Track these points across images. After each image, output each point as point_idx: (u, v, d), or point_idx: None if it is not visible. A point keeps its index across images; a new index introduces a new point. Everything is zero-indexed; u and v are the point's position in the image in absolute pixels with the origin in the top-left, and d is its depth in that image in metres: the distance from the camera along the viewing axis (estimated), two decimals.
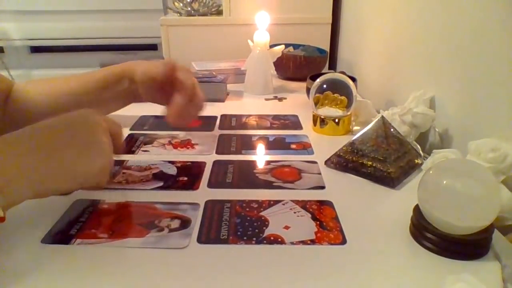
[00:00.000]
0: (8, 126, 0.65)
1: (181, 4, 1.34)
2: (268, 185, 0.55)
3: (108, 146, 0.47)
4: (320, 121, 0.73)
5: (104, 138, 0.46)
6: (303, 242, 0.43)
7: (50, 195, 0.43)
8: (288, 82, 1.10)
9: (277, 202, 0.51)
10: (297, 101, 0.93)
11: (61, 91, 0.69)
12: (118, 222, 0.47)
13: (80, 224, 0.46)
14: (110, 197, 0.52)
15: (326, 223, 0.47)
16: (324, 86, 0.73)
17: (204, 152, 0.66)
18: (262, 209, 0.49)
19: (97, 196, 0.52)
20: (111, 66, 0.69)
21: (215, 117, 0.82)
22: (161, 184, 0.55)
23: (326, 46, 1.28)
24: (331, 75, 0.75)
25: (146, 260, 0.40)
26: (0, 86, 0.64)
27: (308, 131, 0.75)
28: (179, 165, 0.61)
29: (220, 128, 0.77)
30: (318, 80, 0.74)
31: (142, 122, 0.79)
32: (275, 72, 1.09)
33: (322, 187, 0.55)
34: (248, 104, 0.93)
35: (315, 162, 0.62)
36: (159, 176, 0.57)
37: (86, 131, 0.45)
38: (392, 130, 0.59)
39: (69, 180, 0.43)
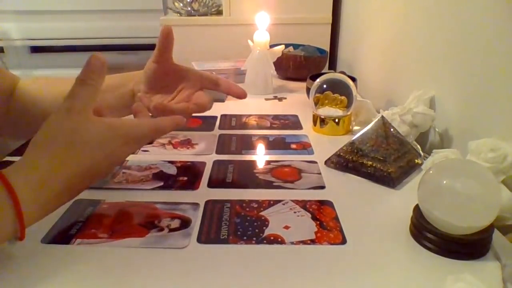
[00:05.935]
0: (12, 123, 0.65)
1: (181, 4, 1.34)
2: (268, 185, 0.55)
3: (96, 138, 0.42)
4: (320, 121, 0.73)
5: (85, 135, 0.42)
6: (303, 242, 0.43)
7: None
8: (288, 82, 1.10)
9: (277, 202, 0.51)
10: (297, 101, 0.93)
11: (65, 92, 0.69)
12: (118, 222, 0.47)
13: (80, 224, 0.46)
14: (110, 197, 0.52)
15: (326, 223, 0.47)
16: (324, 86, 0.73)
17: (204, 152, 0.66)
18: (262, 209, 0.49)
19: (97, 196, 0.52)
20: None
21: (215, 117, 0.82)
22: (161, 184, 0.55)
23: (326, 46, 1.28)
24: (331, 75, 0.75)
25: (146, 260, 0.40)
26: (4, 82, 0.64)
27: (308, 131, 0.75)
28: (179, 165, 0.61)
29: (220, 128, 0.77)
30: (318, 80, 0.74)
31: None
32: (275, 72, 1.08)
33: (322, 187, 0.55)
34: (248, 104, 0.93)
35: (315, 162, 0.62)
36: (159, 176, 0.57)
37: (66, 145, 0.41)
38: (392, 130, 0.59)
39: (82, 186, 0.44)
